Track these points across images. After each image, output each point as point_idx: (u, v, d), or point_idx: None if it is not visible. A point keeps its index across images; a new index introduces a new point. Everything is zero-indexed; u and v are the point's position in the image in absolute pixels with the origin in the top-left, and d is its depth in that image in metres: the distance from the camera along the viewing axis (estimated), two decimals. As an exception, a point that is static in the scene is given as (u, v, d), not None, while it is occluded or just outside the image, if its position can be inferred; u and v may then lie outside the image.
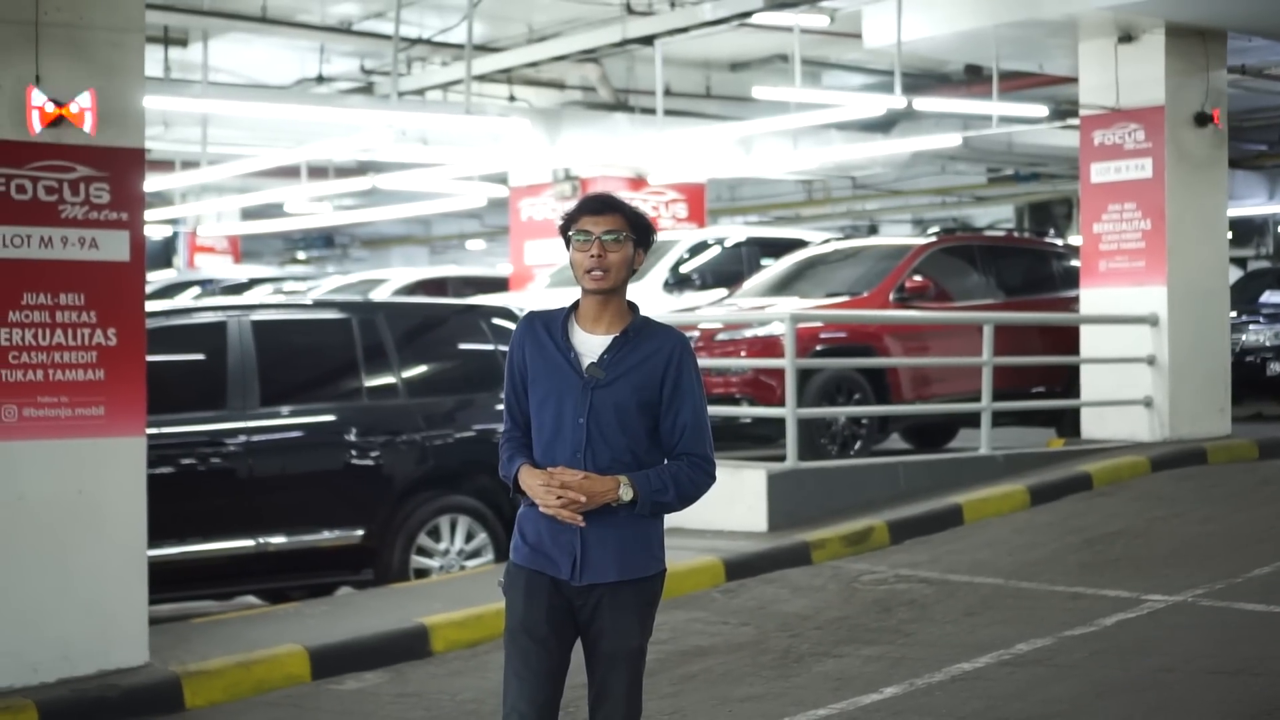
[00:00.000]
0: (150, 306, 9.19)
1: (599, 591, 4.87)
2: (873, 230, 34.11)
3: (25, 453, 8.21)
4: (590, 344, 4.88)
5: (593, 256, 4.79)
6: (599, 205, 4.88)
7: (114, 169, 8.46)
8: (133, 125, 8.59)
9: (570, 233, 4.88)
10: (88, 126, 8.35)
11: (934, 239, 14.97)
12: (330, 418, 10.70)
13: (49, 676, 8.25)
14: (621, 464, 4.82)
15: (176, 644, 8.97)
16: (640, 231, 4.91)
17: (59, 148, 8.30)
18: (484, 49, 17.96)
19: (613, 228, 4.81)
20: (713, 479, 5.02)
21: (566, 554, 4.86)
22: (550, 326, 4.93)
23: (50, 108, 8.21)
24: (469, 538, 11.02)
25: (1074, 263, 15.46)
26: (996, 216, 33.44)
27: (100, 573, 8.44)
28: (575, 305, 4.96)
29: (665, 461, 4.93)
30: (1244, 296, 18.38)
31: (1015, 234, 17.95)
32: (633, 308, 4.96)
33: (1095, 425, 14.74)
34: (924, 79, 20.99)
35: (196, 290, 21.01)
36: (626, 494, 4.77)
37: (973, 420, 13.51)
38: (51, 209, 8.29)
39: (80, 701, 8.11)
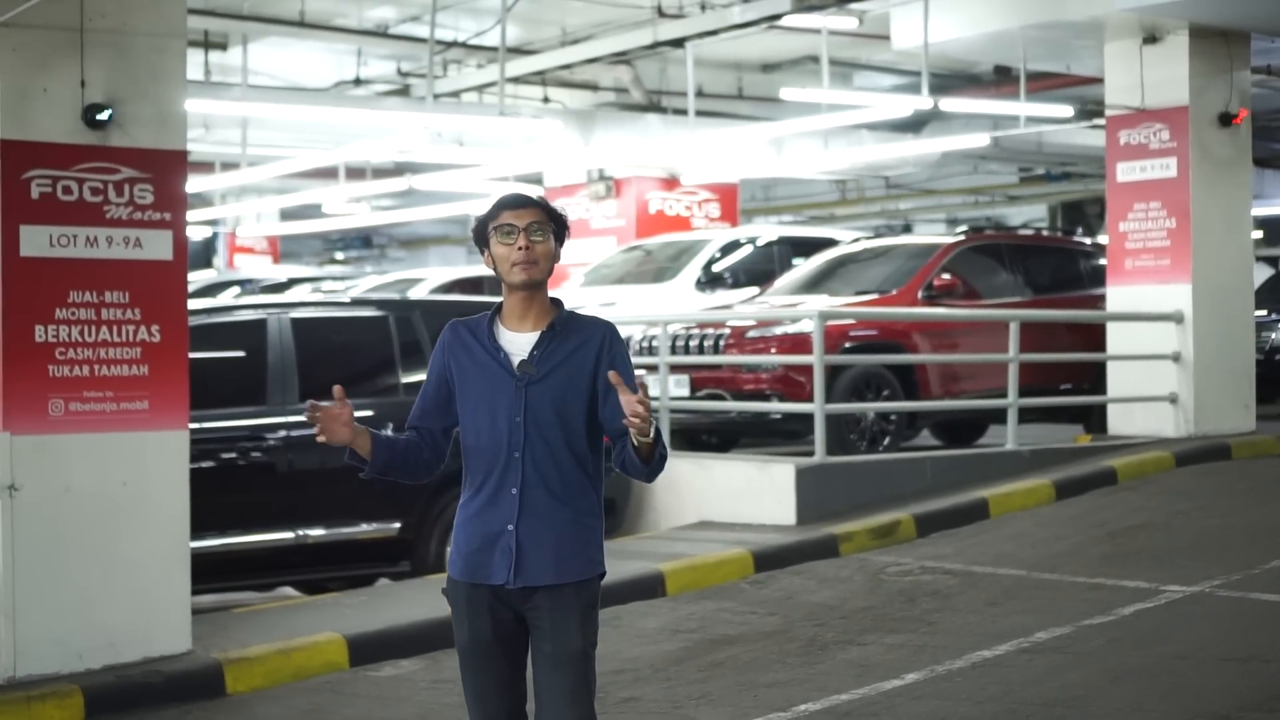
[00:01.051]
0: (192, 305, 9.44)
1: (538, 595, 4.78)
2: (906, 230, 34.22)
3: (72, 446, 8.48)
4: (518, 342, 4.85)
5: (520, 249, 4.76)
6: (518, 201, 4.85)
7: (157, 170, 8.71)
8: (175, 128, 8.85)
9: (491, 229, 4.83)
10: (132, 129, 8.62)
11: (962, 238, 15.14)
12: (368, 413, 10.92)
13: (94, 663, 8.50)
14: (557, 461, 4.79)
15: (218, 632, 9.23)
16: (560, 225, 4.89)
17: (104, 150, 8.56)
18: (518, 51, 18.19)
19: (535, 220, 4.79)
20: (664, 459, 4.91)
21: (503, 557, 4.78)
22: (475, 331, 4.90)
23: (95, 111, 8.49)
24: (502, 530, 11.24)
25: (1101, 261, 15.60)
26: (1029, 216, 33.55)
27: (144, 562, 8.70)
28: (497, 309, 4.93)
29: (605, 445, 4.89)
30: (1275, 295, 18.47)
31: (1043, 233, 18.05)
32: (556, 303, 4.92)
33: (1122, 421, 14.90)
34: (954, 79, 21.16)
35: (236, 290, 21.30)
36: (653, 431, 4.66)
37: (1001, 417, 13.67)
38: (97, 209, 8.55)
39: (125, 687, 8.35)
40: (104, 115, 8.49)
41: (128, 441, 8.63)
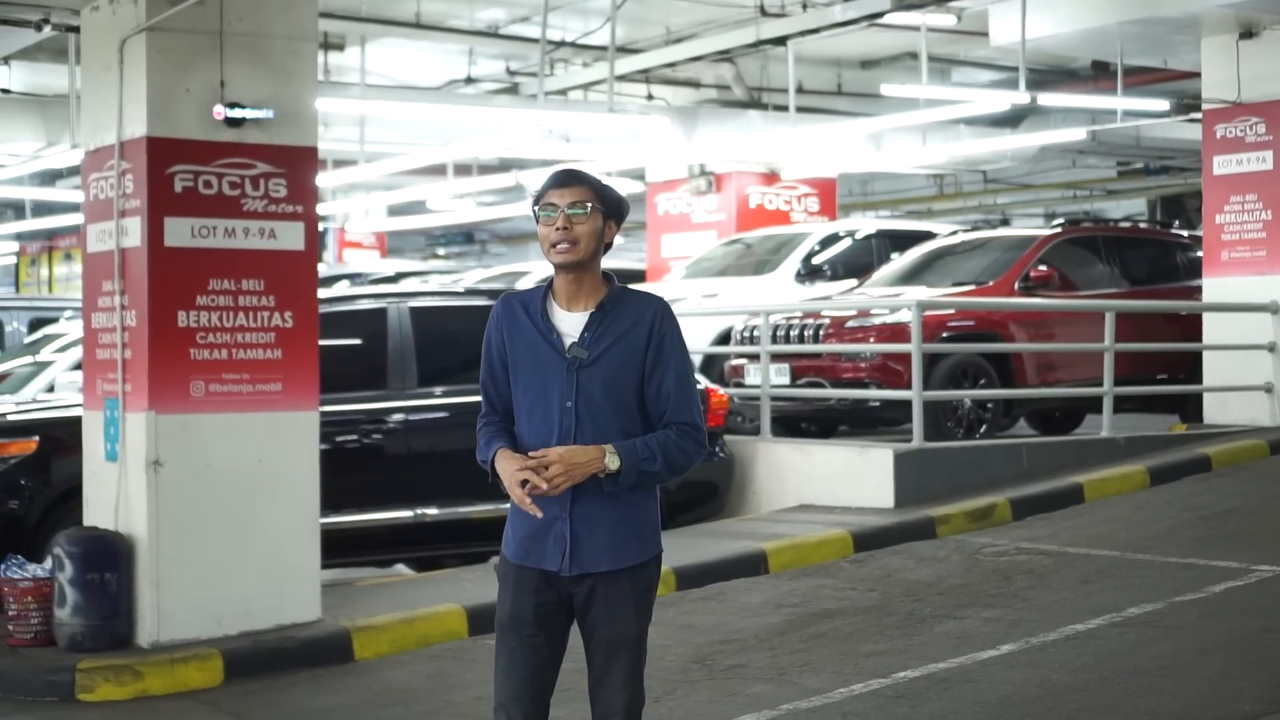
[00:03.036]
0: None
1: (591, 581, 4.71)
2: (1004, 224, 34.30)
3: (211, 425, 9.02)
4: (571, 321, 4.72)
5: (558, 229, 4.65)
6: (564, 179, 4.73)
7: (290, 165, 9.25)
8: (306, 125, 9.38)
9: (537, 209, 4.73)
10: (267, 127, 9.14)
11: (1058, 230, 15.37)
12: (481, 398, 11.37)
13: (232, 629, 9.04)
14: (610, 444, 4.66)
15: (345, 603, 9.74)
16: (609, 204, 4.75)
17: (241, 146, 9.10)
18: (624, 50, 18.60)
19: (578, 199, 4.67)
20: (704, 448, 4.77)
21: (557, 544, 4.70)
22: (529, 307, 4.77)
23: (234, 110, 9.01)
24: (611, 512, 11.66)
25: (1198, 253, 15.78)
26: (1129, 210, 33.53)
27: (277, 535, 9.23)
28: (550, 284, 4.81)
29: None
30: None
31: (1140, 225, 18.22)
32: (608, 279, 4.79)
33: (1217, 411, 15.11)
34: (1052, 75, 21.34)
35: (346, 284, 21.87)
36: (613, 462, 4.58)
37: (1098, 408, 13.92)
38: (234, 202, 9.09)
39: (260, 652, 8.89)
40: (242, 113, 9.01)
41: (263, 421, 9.16)
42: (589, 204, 4.69)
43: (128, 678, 8.48)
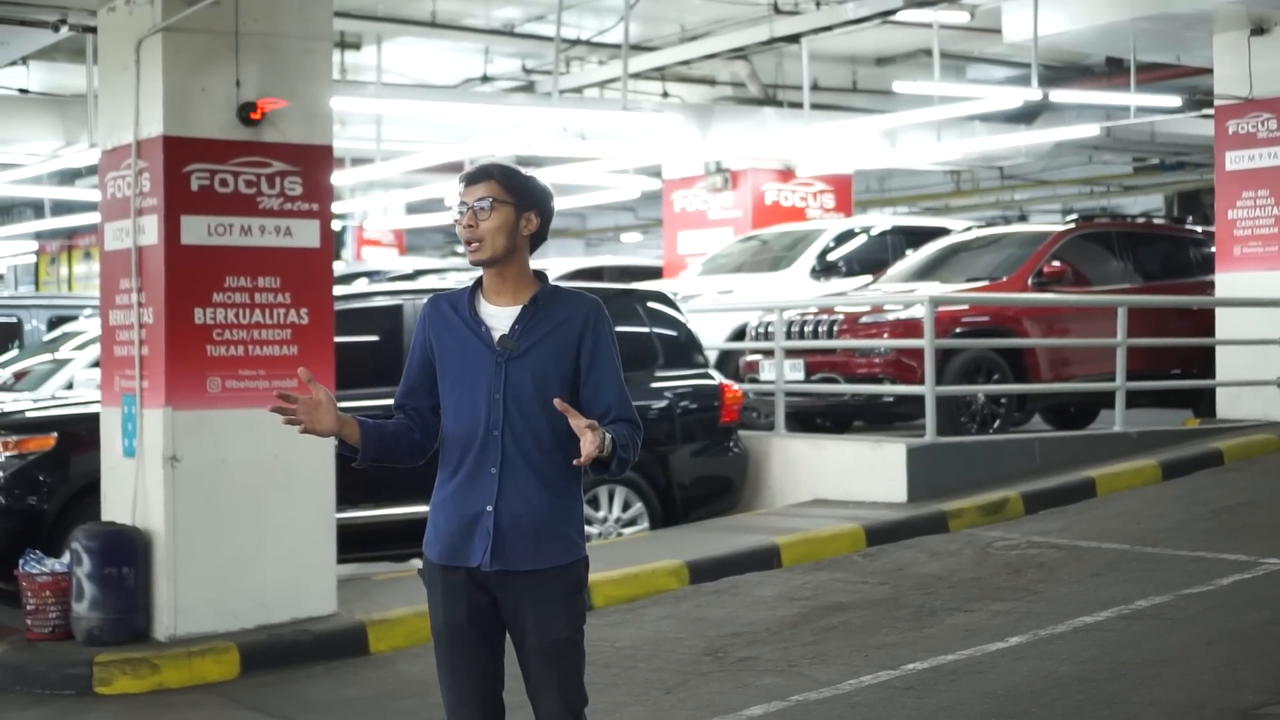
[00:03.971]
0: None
1: (517, 583, 4.62)
2: (1022, 220, 34.35)
3: (228, 420, 9.12)
4: (500, 316, 4.67)
5: (466, 227, 4.62)
6: (471, 176, 4.68)
7: (305, 164, 9.34)
8: (321, 124, 9.48)
9: (455, 208, 4.71)
10: (282, 126, 9.23)
11: (1072, 225, 15.41)
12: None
13: (248, 623, 9.15)
14: (538, 439, 4.62)
15: (361, 597, 9.84)
16: (520, 195, 4.66)
17: (257, 145, 9.20)
18: (639, 48, 18.68)
19: (484, 195, 4.61)
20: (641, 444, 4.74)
21: (481, 539, 4.61)
22: (456, 304, 4.72)
23: (249, 109, 9.11)
24: (626, 507, 11.78)
25: (1212, 249, 15.82)
26: (1146, 206, 33.55)
27: (293, 529, 9.33)
28: (479, 282, 4.75)
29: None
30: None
31: (1153, 221, 18.26)
32: (539, 276, 4.74)
33: (1230, 406, 15.15)
34: (1067, 71, 21.39)
35: (364, 281, 21.97)
36: (609, 446, 4.50)
37: (1112, 402, 13.97)
38: (250, 201, 9.19)
39: (276, 645, 8.99)
40: (257, 113, 9.11)
41: (279, 417, 9.21)
42: (492, 199, 4.62)
43: (145, 671, 8.59)
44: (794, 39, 16.15)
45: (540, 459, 4.63)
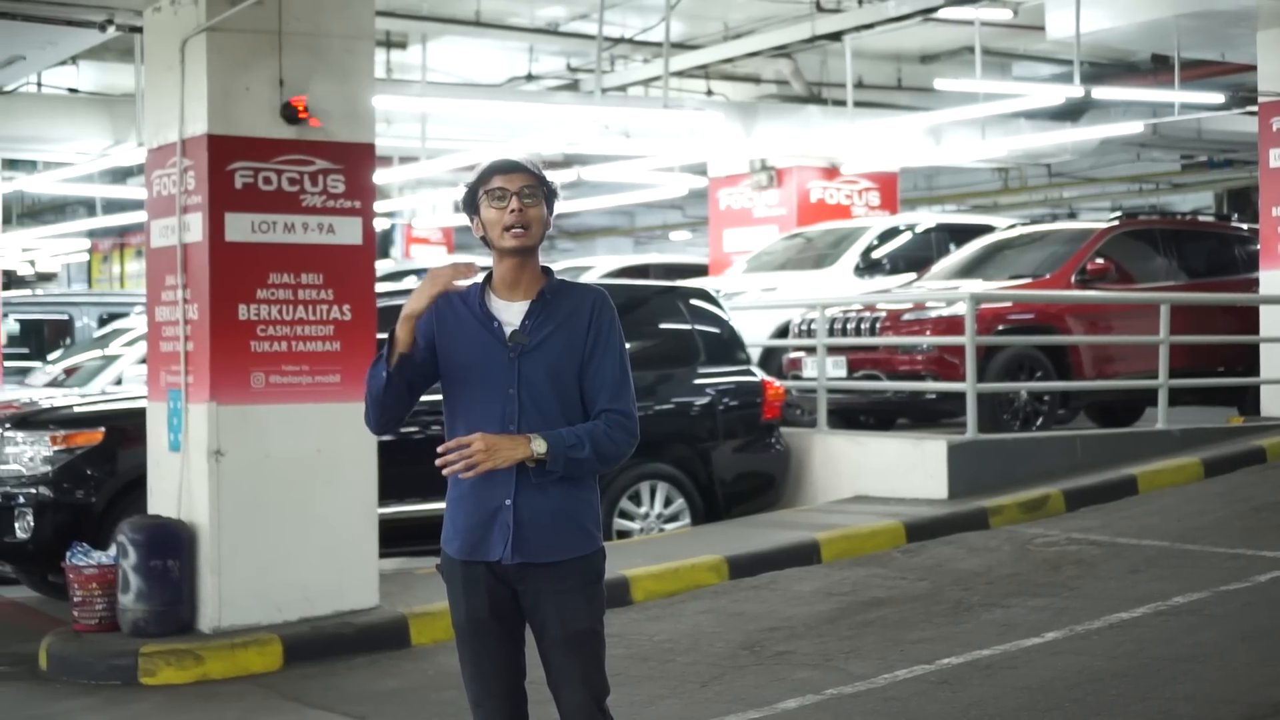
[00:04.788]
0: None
1: (537, 575, 4.66)
2: (1071, 217, 34.22)
3: (271, 415, 9.23)
4: (511, 311, 4.69)
5: (512, 213, 4.62)
6: (511, 164, 4.70)
7: (348, 162, 9.44)
8: (364, 122, 9.58)
9: (481, 194, 4.69)
10: (325, 124, 9.33)
11: (1115, 223, 15.38)
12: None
13: (291, 615, 9.25)
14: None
15: (402, 590, 9.94)
16: (549, 192, 4.75)
17: (300, 143, 9.30)
18: (682, 46, 18.73)
19: (528, 184, 4.66)
20: (635, 437, 4.73)
21: (501, 533, 4.64)
22: (467, 300, 4.71)
23: (292, 108, 9.21)
24: (668, 503, 11.84)
25: (1258, 246, 15.75)
26: (1195, 203, 33.36)
27: (336, 523, 9.43)
28: (488, 277, 4.76)
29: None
30: None
31: (1199, 218, 18.17)
32: (546, 271, 4.78)
33: (1275, 403, 15.09)
34: (1112, 68, 21.32)
35: (413, 279, 22.13)
36: (540, 446, 4.52)
37: (1156, 400, 13.94)
38: (294, 198, 9.30)
39: (319, 637, 9.10)
40: (300, 111, 9.21)
41: (321, 412, 9.36)
42: (537, 190, 4.69)
43: (189, 662, 8.71)
44: (836, 37, 16.17)
45: None
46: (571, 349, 4.67)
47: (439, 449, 4.55)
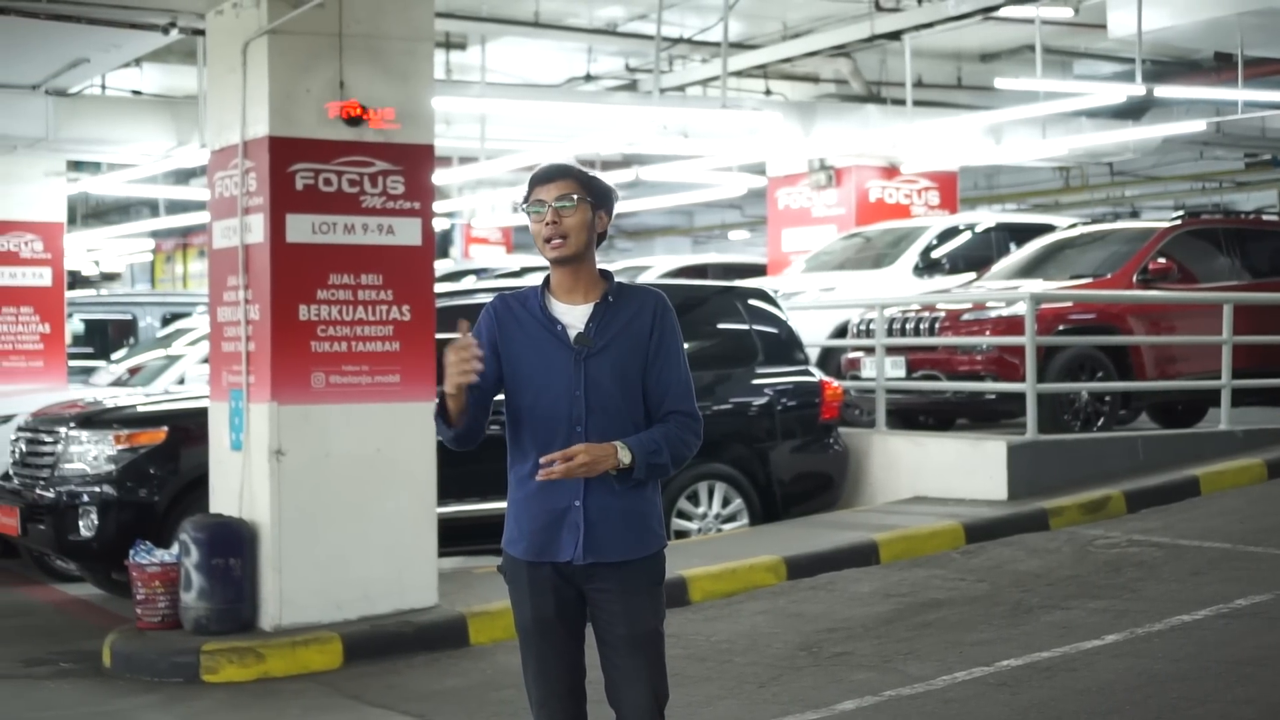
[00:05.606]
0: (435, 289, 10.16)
1: (606, 575, 4.70)
2: (1134, 216, 33.98)
3: (332, 415, 9.30)
4: (573, 314, 4.72)
5: (549, 224, 4.66)
6: (549, 173, 4.72)
7: (408, 163, 9.50)
8: (423, 124, 9.63)
9: (526, 207, 4.75)
10: (385, 126, 9.39)
11: (1178, 222, 15.26)
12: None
13: (351, 614, 9.32)
14: (621, 433, 4.66)
15: (462, 589, 9.99)
16: (597, 194, 4.75)
17: (360, 145, 9.37)
18: (741, 46, 18.71)
19: (565, 192, 4.67)
20: (699, 438, 4.79)
21: (571, 533, 4.67)
22: (527, 304, 4.74)
23: (352, 110, 9.27)
24: (726, 503, 11.85)
25: (1324, 245, 15.60)
26: (1260, 201, 33.06)
27: (396, 522, 9.49)
28: (546, 281, 4.79)
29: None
30: None
31: (1263, 217, 17.98)
32: (605, 275, 4.80)
33: (1340, 404, 14.95)
34: (1175, 66, 21.16)
35: (472, 278, 22.22)
36: (625, 457, 4.57)
37: (1219, 400, 13.83)
38: (354, 199, 9.36)
39: (379, 636, 9.16)
40: (360, 113, 9.27)
41: (381, 411, 9.42)
42: (575, 196, 4.68)
43: (250, 660, 8.78)
44: (895, 36, 16.11)
45: None
46: (635, 352, 4.71)
47: (541, 460, 4.56)
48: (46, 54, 13.47)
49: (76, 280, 34.74)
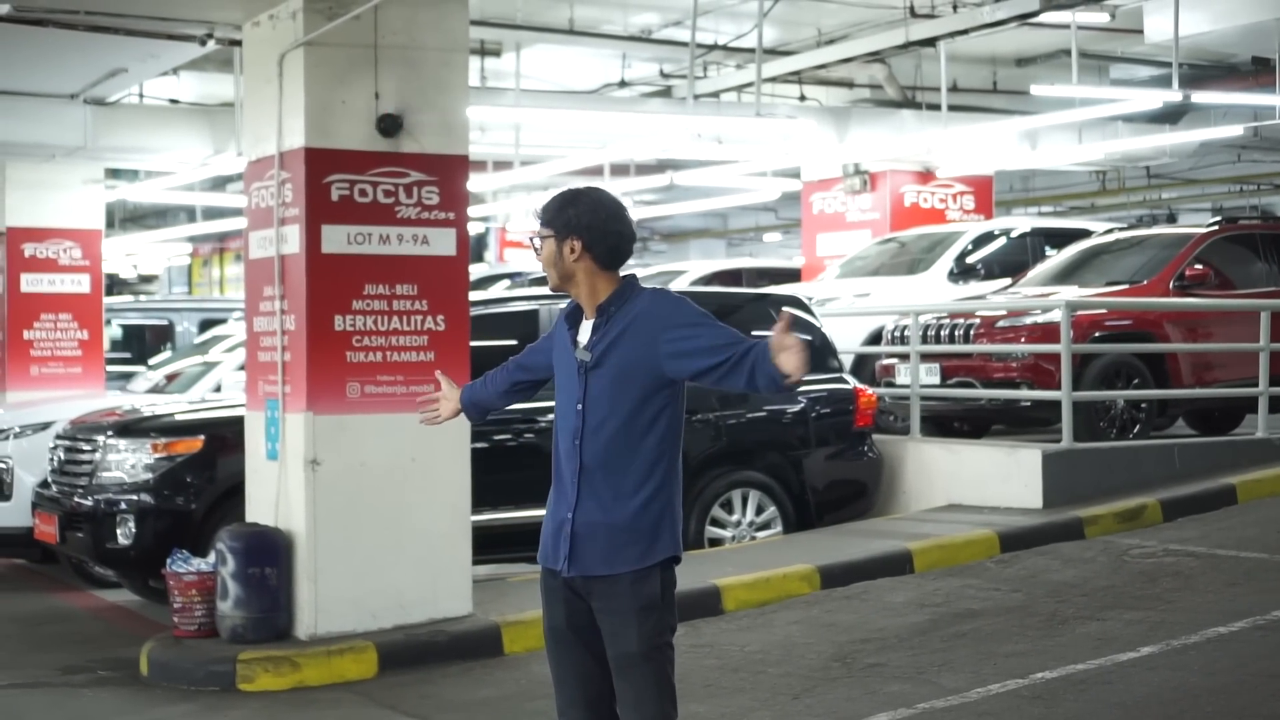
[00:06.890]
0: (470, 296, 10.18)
1: (597, 590, 4.77)
2: (1171, 220, 33.84)
3: (367, 425, 9.34)
4: (586, 329, 4.91)
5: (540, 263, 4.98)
6: (537, 215, 5.00)
7: (442, 174, 9.53)
8: (458, 134, 9.66)
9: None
10: (420, 137, 9.43)
11: (1215, 228, 15.17)
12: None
13: (386, 622, 9.35)
14: (615, 446, 4.77)
15: (496, 598, 10.01)
16: (560, 225, 4.86)
17: (395, 155, 9.40)
18: (775, 52, 18.68)
19: (534, 234, 4.95)
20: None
21: (563, 544, 4.81)
22: (569, 317, 5.00)
23: (388, 120, 9.31)
24: (759, 511, 11.85)
25: (1364, 250, 15.48)
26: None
27: (430, 531, 9.52)
28: None
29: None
30: None
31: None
32: (626, 282, 4.92)
33: (1379, 412, 14.84)
34: (1213, 70, 21.05)
35: (506, 283, 22.25)
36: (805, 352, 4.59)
37: (1256, 407, 13.77)
38: (389, 210, 9.39)
39: (413, 644, 9.19)
40: (396, 124, 9.31)
41: (416, 422, 9.37)
42: (541, 236, 4.92)
43: (286, 669, 8.82)
44: (930, 43, 16.07)
45: (618, 464, 4.78)
46: (632, 359, 4.80)
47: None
48: (85, 64, 13.57)
49: (114, 283, 34.92)
